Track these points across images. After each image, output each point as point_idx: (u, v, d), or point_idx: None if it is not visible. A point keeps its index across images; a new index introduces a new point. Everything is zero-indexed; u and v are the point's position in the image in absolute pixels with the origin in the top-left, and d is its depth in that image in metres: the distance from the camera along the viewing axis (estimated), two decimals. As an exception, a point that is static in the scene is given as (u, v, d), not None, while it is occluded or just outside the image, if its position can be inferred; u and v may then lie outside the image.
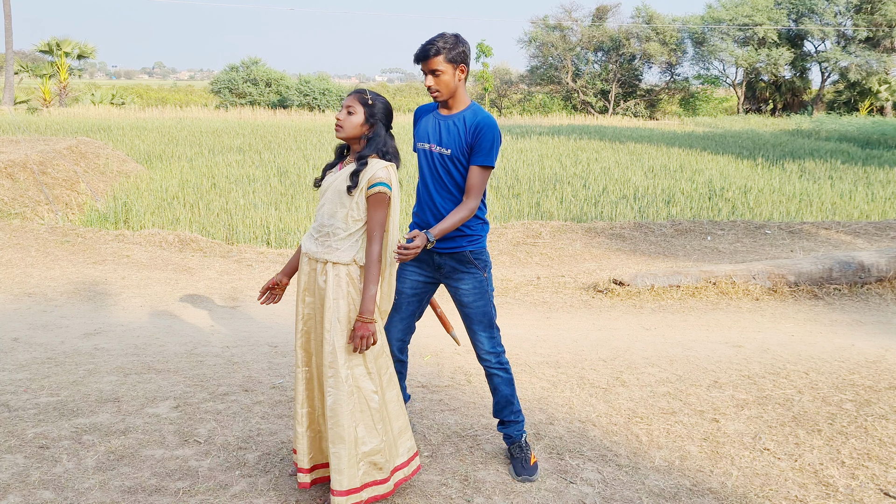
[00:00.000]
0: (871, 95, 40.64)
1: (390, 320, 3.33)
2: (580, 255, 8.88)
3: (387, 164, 2.90)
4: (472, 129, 3.14)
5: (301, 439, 2.98)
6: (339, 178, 2.91)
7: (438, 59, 3.08)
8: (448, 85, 3.12)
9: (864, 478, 3.37)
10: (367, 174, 2.85)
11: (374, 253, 2.83)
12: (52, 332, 5.42)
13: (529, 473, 3.29)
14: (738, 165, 16.99)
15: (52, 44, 34.67)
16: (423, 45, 3.10)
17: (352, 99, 2.94)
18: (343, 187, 2.86)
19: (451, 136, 3.18)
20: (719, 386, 4.51)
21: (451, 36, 3.11)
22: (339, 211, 2.86)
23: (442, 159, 3.19)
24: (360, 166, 2.87)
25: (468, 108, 3.20)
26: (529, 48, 46.36)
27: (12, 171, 10.85)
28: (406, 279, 3.32)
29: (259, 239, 9.60)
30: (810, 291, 7.19)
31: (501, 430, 3.43)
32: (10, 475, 3.09)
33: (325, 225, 2.88)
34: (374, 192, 2.83)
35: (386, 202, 2.85)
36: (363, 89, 2.98)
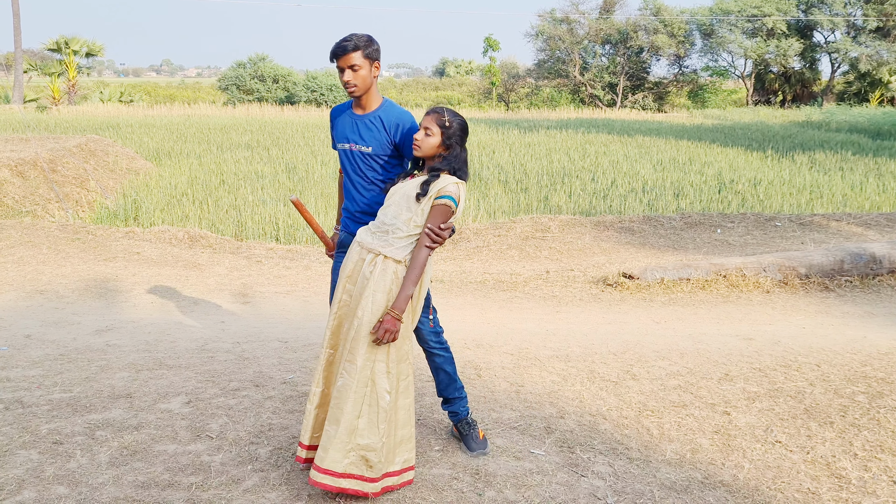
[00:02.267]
0: (882, 86, 40.32)
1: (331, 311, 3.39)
2: (589, 248, 8.86)
3: (458, 181, 3.00)
4: (394, 128, 3.24)
5: (308, 416, 3.06)
6: (410, 185, 3.03)
7: (356, 54, 3.14)
8: (365, 80, 3.18)
9: (878, 470, 3.35)
10: (437, 185, 2.96)
11: (421, 257, 2.94)
12: (64, 329, 5.45)
13: (482, 447, 3.45)
14: (748, 157, 16.91)
15: (60, 42, 34.82)
16: (338, 42, 3.16)
17: (430, 120, 3.02)
18: (413, 193, 2.98)
19: (371, 134, 3.26)
20: (730, 379, 4.49)
21: (365, 35, 3.20)
22: (403, 214, 2.97)
23: (364, 157, 3.27)
24: (431, 178, 2.98)
25: (382, 106, 3.29)
26: (537, 42, 46.21)
27: (23, 170, 10.91)
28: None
29: (268, 235, 9.62)
30: (821, 283, 7.15)
31: (447, 408, 3.53)
32: (24, 471, 3.12)
33: (387, 223, 2.98)
34: (441, 203, 2.94)
35: (448, 215, 2.96)
36: (441, 109, 3.05)
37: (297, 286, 7.15)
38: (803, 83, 44.02)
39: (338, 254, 3.46)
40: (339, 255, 3.44)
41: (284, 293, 6.90)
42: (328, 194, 11.89)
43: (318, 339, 5.25)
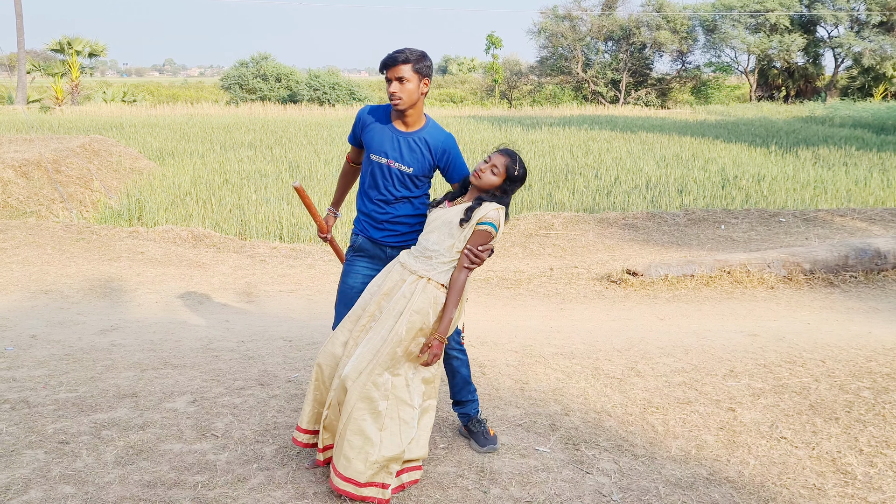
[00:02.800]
0: (886, 80, 40.22)
1: (342, 314, 3.40)
2: (593, 245, 8.86)
3: (498, 206, 3.05)
4: (440, 152, 3.25)
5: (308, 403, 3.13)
6: (452, 212, 3.09)
7: (406, 66, 3.10)
8: (412, 95, 3.13)
9: (883, 465, 3.35)
10: (480, 212, 3.02)
11: (460, 279, 3.01)
12: (69, 329, 5.46)
13: (493, 443, 3.46)
14: (752, 153, 16.87)
15: (63, 42, 34.86)
16: (391, 52, 3.12)
17: (500, 160, 3.07)
18: (455, 220, 3.04)
19: (415, 156, 3.23)
20: (735, 375, 4.49)
21: (419, 50, 3.16)
22: (445, 241, 3.04)
23: (401, 175, 3.26)
24: (475, 204, 3.05)
25: (426, 127, 3.26)
26: (539, 39, 46.16)
27: (27, 170, 10.94)
28: (357, 274, 3.40)
29: (272, 234, 9.63)
30: (826, 279, 7.14)
31: (458, 409, 3.55)
32: (31, 470, 3.13)
33: (430, 249, 3.06)
34: (482, 229, 3.01)
35: (488, 239, 3.03)
36: (514, 155, 3.11)
37: (301, 285, 7.16)
38: (807, 78, 43.91)
39: (353, 257, 3.44)
40: (355, 258, 3.42)
41: (288, 292, 6.90)
42: (331, 192, 11.89)
43: (322, 338, 5.25)
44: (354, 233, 3.46)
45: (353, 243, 3.46)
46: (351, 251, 3.47)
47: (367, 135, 3.30)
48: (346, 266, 3.46)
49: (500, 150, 3.11)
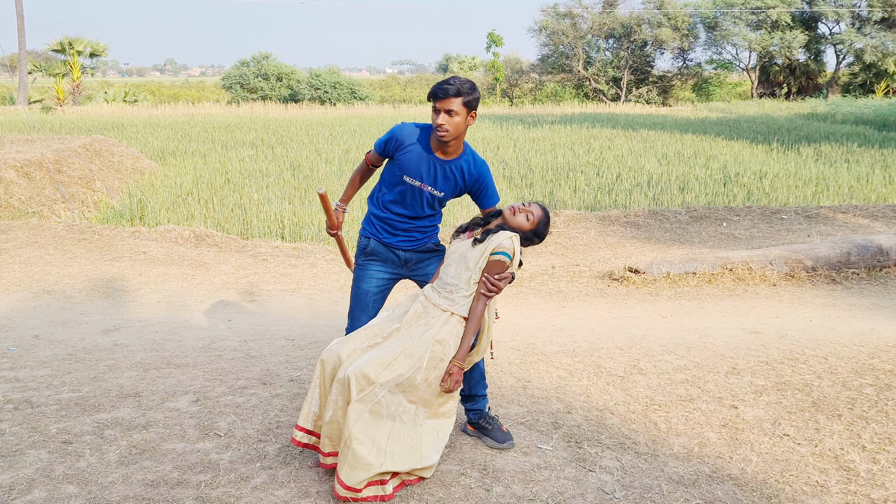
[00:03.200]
0: (888, 77, 40.14)
1: (360, 319, 3.45)
2: (595, 243, 8.85)
3: (512, 234, 3.12)
4: (473, 180, 3.29)
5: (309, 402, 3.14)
6: (466, 245, 3.17)
7: (457, 100, 3.08)
8: (458, 127, 3.13)
9: (886, 462, 3.34)
10: (494, 240, 3.09)
11: (478, 309, 3.08)
12: (71, 329, 5.47)
13: (510, 439, 3.46)
14: (753, 150, 16.85)
15: (64, 43, 34.89)
16: (442, 83, 3.09)
17: (537, 211, 3.17)
18: (469, 254, 3.11)
19: (448, 183, 3.27)
20: (737, 372, 4.49)
21: (469, 81, 3.13)
22: (463, 274, 3.11)
23: (431, 198, 3.30)
24: (493, 230, 3.14)
25: (464, 154, 3.28)
26: (540, 37, 46.11)
27: (29, 171, 10.95)
28: (371, 278, 3.44)
29: (274, 233, 9.64)
30: (828, 276, 7.13)
31: (470, 405, 3.55)
32: (34, 470, 3.13)
33: (450, 284, 3.13)
34: (496, 259, 3.06)
35: (503, 268, 3.08)
36: (549, 215, 3.22)
37: (302, 284, 7.17)
38: (808, 75, 43.83)
39: (365, 261, 3.45)
40: (367, 262, 3.44)
41: (290, 291, 6.91)
42: (333, 192, 11.90)
43: (324, 337, 5.26)
44: (365, 236, 3.46)
45: (363, 247, 3.46)
46: (362, 256, 3.46)
47: (404, 156, 3.27)
48: (358, 271, 3.47)
49: (540, 205, 3.20)
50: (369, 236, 3.44)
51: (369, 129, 22.33)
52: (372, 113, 33.57)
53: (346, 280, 7.28)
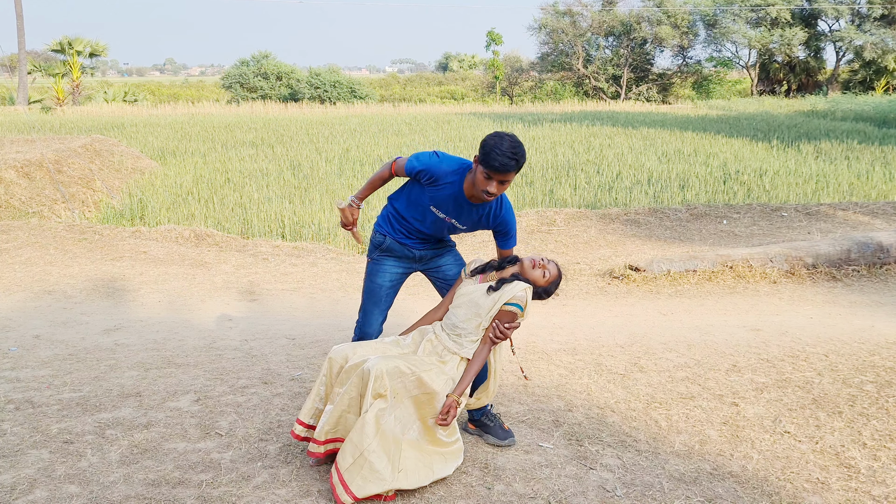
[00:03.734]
0: (887, 74, 40.10)
1: (372, 313, 3.49)
2: (595, 241, 8.85)
3: (527, 286, 3.16)
4: (497, 221, 3.29)
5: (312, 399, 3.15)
6: (479, 290, 3.19)
7: (515, 173, 3.07)
8: (503, 191, 3.15)
9: (887, 459, 3.35)
10: (509, 290, 3.13)
11: (483, 353, 3.15)
12: (72, 329, 5.47)
13: (511, 436, 3.47)
14: (753, 148, 16.84)
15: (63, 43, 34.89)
16: (508, 156, 2.98)
17: (553, 270, 3.21)
18: (483, 298, 3.15)
19: (472, 219, 3.28)
20: (738, 370, 4.49)
21: (522, 146, 3.07)
22: (473, 319, 3.16)
23: (453, 227, 3.33)
24: (510, 278, 3.18)
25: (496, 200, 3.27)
26: (540, 35, 46.08)
27: (29, 171, 10.95)
28: (386, 272, 3.47)
29: (274, 232, 9.64)
30: (828, 273, 7.13)
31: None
32: (36, 470, 3.14)
33: (459, 327, 3.17)
34: (509, 309, 3.11)
35: (514, 318, 3.13)
36: (561, 276, 3.25)
37: (303, 283, 7.17)
38: (808, 72, 43.79)
39: (380, 256, 3.47)
40: (382, 257, 3.47)
41: (291, 290, 6.91)
42: (333, 190, 11.90)
43: (325, 336, 5.26)
44: (381, 233, 3.46)
45: (378, 243, 3.46)
46: (377, 251, 3.48)
47: (436, 192, 3.24)
48: (372, 265, 3.49)
49: (557, 264, 3.25)
50: (385, 234, 3.44)
51: (369, 128, 22.33)
52: (372, 112, 33.57)
53: (346, 279, 7.29)
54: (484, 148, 3.01)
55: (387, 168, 3.39)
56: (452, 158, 3.24)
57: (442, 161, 3.21)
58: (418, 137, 19.67)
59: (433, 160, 3.22)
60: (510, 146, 3.00)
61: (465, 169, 3.20)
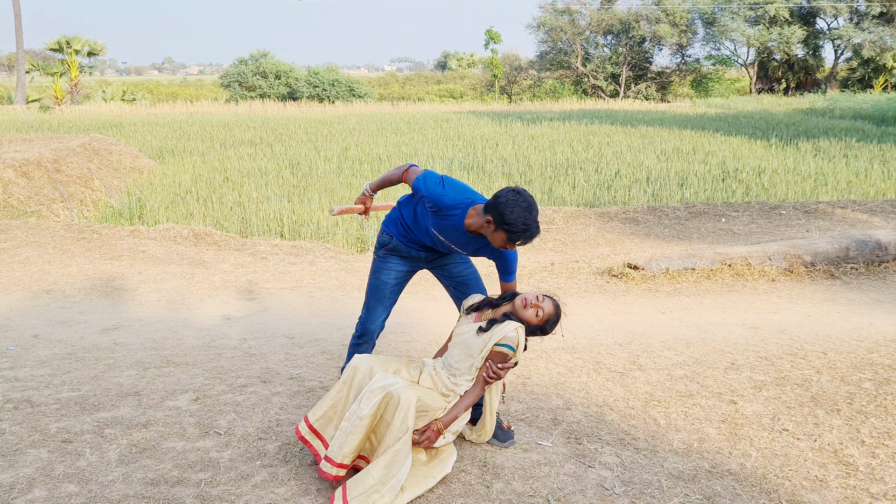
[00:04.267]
0: (886, 72, 40.11)
1: (376, 310, 3.52)
2: (594, 239, 8.86)
3: (518, 325, 3.13)
4: (497, 254, 3.27)
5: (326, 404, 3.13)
6: (471, 331, 3.18)
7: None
8: None
9: (885, 456, 3.35)
10: (499, 331, 3.11)
11: (475, 391, 3.16)
12: (71, 328, 5.47)
13: (511, 437, 3.47)
14: (752, 146, 16.85)
15: (62, 42, 34.86)
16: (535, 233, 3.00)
17: (549, 308, 3.15)
18: (473, 342, 3.14)
19: (473, 248, 3.27)
20: (737, 368, 4.49)
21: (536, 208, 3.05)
22: (466, 360, 3.16)
23: (453, 250, 3.33)
24: (500, 319, 3.16)
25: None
26: (538, 33, 46.09)
27: (27, 170, 10.94)
28: (391, 270, 3.48)
29: (273, 231, 9.64)
30: (827, 271, 7.14)
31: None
32: (34, 469, 3.14)
33: (454, 367, 3.18)
34: (499, 350, 3.10)
35: (506, 359, 3.11)
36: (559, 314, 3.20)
37: (302, 282, 7.17)
38: (807, 70, 43.80)
39: (386, 254, 3.48)
40: (388, 256, 3.48)
41: (290, 289, 6.91)
42: (332, 189, 11.90)
43: (324, 335, 5.26)
44: (388, 234, 3.47)
45: (384, 242, 3.48)
46: (383, 250, 3.49)
47: (438, 221, 3.22)
48: (378, 263, 3.51)
49: (554, 302, 3.19)
50: (392, 235, 3.45)
51: (368, 127, 22.32)
52: (371, 110, 33.56)
53: (345, 278, 7.29)
54: (508, 224, 2.94)
55: (399, 173, 3.37)
56: (457, 191, 3.16)
57: (446, 193, 3.15)
58: (417, 136, 19.66)
59: (437, 190, 3.15)
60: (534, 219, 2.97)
61: (467, 205, 3.13)
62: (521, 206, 2.94)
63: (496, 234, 3.01)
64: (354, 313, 5.91)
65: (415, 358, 4.70)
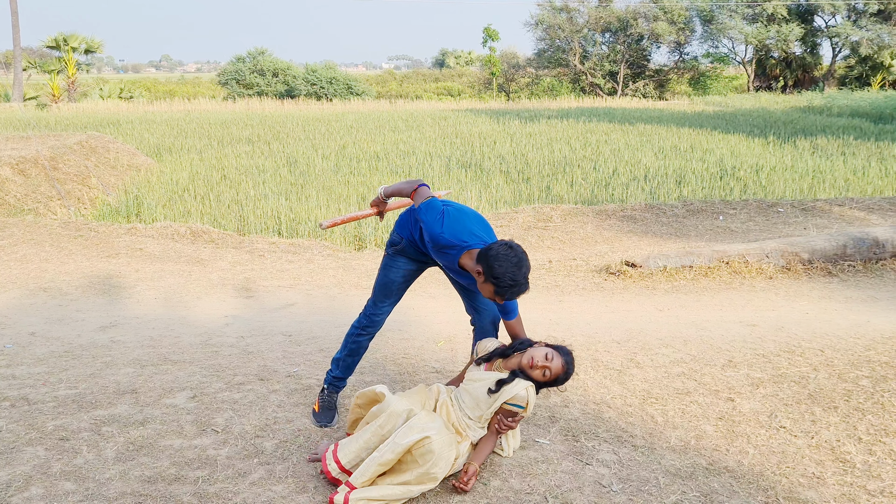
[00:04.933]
0: (884, 70, 40.17)
1: (382, 304, 3.55)
2: (591, 237, 8.86)
3: (530, 384, 3.16)
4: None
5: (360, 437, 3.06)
6: (481, 387, 3.21)
7: None
8: None
9: (882, 453, 3.35)
10: (509, 391, 3.14)
11: (490, 441, 3.19)
12: (68, 326, 5.46)
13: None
14: (750, 144, 16.86)
15: (59, 39, 34.79)
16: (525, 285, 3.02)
17: (557, 367, 3.18)
18: (482, 399, 3.18)
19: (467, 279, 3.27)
20: (734, 365, 4.50)
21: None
22: (476, 411, 3.19)
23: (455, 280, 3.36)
24: (508, 378, 3.17)
25: None
26: (536, 31, 46.09)
27: (24, 168, 10.92)
28: (399, 269, 3.51)
29: (270, 229, 9.63)
30: (824, 269, 7.14)
31: None
32: (31, 467, 3.13)
33: (466, 412, 3.22)
34: (509, 409, 3.14)
35: (515, 415, 3.15)
36: (570, 371, 3.23)
37: (300, 280, 7.16)
38: (804, 68, 43.83)
39: (395, 253, 3.50)
40: (397, 254, 3.49)
41: (287, 287, 6.91)
42: (329, 187, 11.89)
43: (322, 333, 5.26)
44: (399, 235, 3.49)
45: (395, 242, 3.50)
46: (392, 248, 3.52)
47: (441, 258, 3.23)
48: (387, 259, 3.54)
49: (565, 359, 3.21)
50: (402, 237, 3.47)
51: (366, 125, 22.30)
52: (368, 108, 33.53)
53: (343, 276, 7.28)
54: (496, 278, 2.94)
55: (409, 189, 3.38)
56: (455, 230, 3.11)
57: (443, 232, 3.10)
58: (415, 134, 19.65)
59: (436, 228, 3.11)
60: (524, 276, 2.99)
61: (462, 249, 3.10)
62: (512, 262, 2.94)
63: (485, 286, 3.01)
64: (352, 311, 5.91)
65: (411, 355, 4.70)
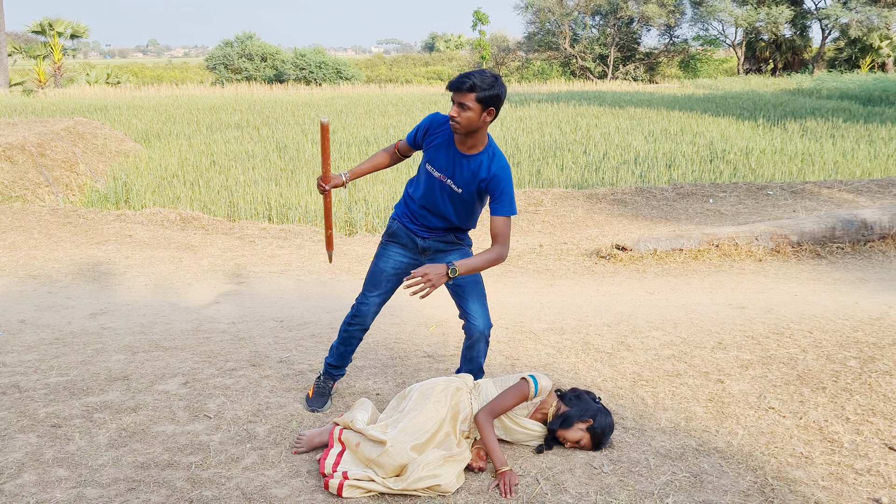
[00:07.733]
0: (873, 52, 40.19)
1: (371, 294, 3.54)
2: (582, 221, 8.87)
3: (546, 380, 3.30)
4: (489, 178, 3.20)
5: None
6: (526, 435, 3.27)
7: (471, 95, 3.03)
8: (471, 122, 3.08)
9: (869, 433, 3.39)
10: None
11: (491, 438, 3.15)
12: (58, 313, 5.45)
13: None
14: (739, 127, 16.89)
15: (44, 24, 34.34)
16: (462, 76, 3.05)
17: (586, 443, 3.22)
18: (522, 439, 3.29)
19: (465, 179, 3.23)
20: (723, 347, 4.53)
21: (491, 76, 3.06)
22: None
23: (452, 192, 3.29)
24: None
25: (485, 151, 3.22)
26: (526, 14, 45.86)
27: (11, 154, 10.83)
28: (389, 259, 3.50)
29: (260, 215, 9.60)
30: (813, 251, 7.19)
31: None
32: (24, 454, 3.13)
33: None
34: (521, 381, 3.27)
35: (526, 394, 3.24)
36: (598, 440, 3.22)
37: (290, 265, 7.15)
38: (794, 51, 43.83)
39: (387, 241, 3.52)
40: (389, 243, 3.51)
41: (278, 273, 6.90)
42: (319, 172, 11.83)
43: (313, 318, 5.26)
44: (393, 217, 3.52)
45: (388, 227, 3.53)
46: (385, 236, 3.54)
47: (430, 145, 3.30)
48: (380, 249, 3.55)
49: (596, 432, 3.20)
50: (396, 218, 3.49)
51: (355, 109, 22.20)
52: (358, 92, 33.34)
53: (334, 261, 7.27)
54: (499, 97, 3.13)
55: (391, 145, 3.54)
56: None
57: (437, 115, 3.33)
58: (405, 118, 19.57)
59: (430, 115, 3.35)
60: (473, 70, 3.12)
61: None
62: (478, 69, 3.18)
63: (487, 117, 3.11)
64: (343, 296, 5.92)
65: (403, 340, 4.71)
